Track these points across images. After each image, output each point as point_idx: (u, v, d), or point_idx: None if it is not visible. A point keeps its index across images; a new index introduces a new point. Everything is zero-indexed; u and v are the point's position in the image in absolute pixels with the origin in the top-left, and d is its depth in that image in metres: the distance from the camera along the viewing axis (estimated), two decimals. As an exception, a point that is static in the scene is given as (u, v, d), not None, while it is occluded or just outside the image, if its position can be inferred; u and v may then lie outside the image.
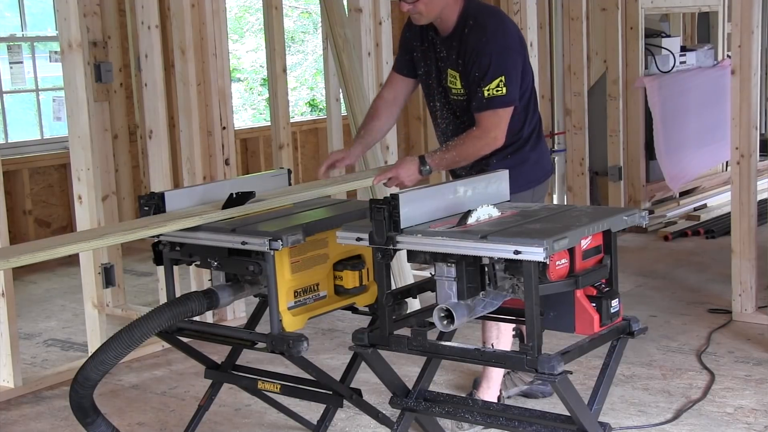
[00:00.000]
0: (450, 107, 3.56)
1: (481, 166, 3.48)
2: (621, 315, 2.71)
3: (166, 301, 2.96)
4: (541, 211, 2.85)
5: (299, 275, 2.89)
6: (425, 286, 2.94)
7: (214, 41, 5.01)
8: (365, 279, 3.02)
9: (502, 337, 3.57)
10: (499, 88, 3.31)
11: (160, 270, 3.56)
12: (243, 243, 2.80)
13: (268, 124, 6.66)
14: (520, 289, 2.51)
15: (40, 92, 7.38)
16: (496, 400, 3.66)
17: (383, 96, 3.72)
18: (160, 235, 2.94)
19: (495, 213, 2.75)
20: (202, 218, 2.95)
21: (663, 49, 7.19)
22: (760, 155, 6.55)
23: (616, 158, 6.99)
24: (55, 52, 7.00)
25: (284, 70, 5.42)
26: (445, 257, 2.57)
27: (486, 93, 3.32)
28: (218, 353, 3.48)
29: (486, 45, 3.33)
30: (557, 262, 2.50)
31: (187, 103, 4.97)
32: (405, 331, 2.77)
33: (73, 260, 4.83)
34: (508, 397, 3.85)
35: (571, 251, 2.54)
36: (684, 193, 7.70)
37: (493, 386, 3.70)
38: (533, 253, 2.38)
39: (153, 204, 3.06)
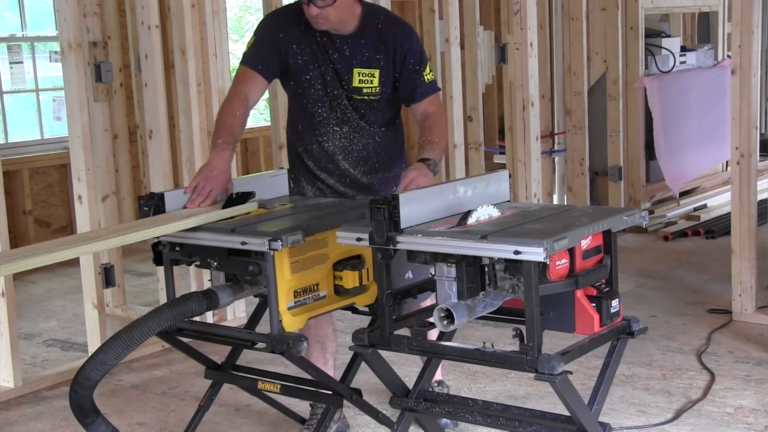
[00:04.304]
0: (353, 109, 3.43)
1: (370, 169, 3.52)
2: (621, 315, 2.71)
3: (166, 301, 2.96)
4: (541, 211, 2.85)
5: (299, 275, 2.89)
6: (425, 286, 2.94)
7: (214, 41, 5.01)
8: (365, 279, 3.01)
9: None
10: (432, 73, 3.48)
11: (160, 270, 3.56)
12: (243, 243, 2.80)
13: (268, 124, 6.66)
14: (520, 289, 2.51)
15: (40, 92, 7.38)
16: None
17: (242, 92, 3.36)
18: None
19: (495, 213, 2.74)
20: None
21: (663, 49, 7.18)
22: (760, 155, 6.54)
23: (616, 158, 6.99)
24: (55, 52, 7.00)
25: (284, 70, 5.41)
26: (445, 257, 2.57)
27: (426, 78, 3.44)
28: (218, 353, 3.48)
29: (410, 34, 3.47)
30: (557, 262, 2.49)
31: (187, 103, 4.97)
32: (405, 331, 2.78)
33: (73, 260, 4.78)
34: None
35: (571, 251, 2.54)
36: (684, 193, 7.69)
37: None
38: (533, 253, 2.38)
39: (153, 204, 3.05)
